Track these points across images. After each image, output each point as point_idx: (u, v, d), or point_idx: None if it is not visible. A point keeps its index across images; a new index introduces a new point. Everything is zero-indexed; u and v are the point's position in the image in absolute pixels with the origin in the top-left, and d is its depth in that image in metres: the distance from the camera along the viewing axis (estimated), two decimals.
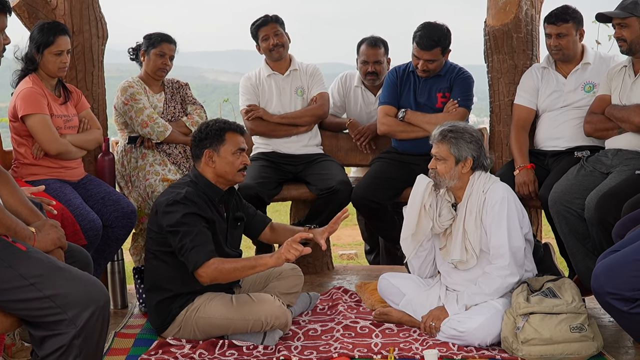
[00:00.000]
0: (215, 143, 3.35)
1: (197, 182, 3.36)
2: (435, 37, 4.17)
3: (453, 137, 3.38)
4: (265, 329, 3.29)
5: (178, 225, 3.20)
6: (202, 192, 3.32)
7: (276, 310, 3.29)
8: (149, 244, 3.43)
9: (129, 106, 4.15)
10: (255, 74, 4.64)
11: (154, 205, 3.42)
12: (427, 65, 4.22)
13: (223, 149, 3.35)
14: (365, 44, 4.69)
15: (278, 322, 3.30)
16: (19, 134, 3.70)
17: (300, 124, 4.54)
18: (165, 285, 3.34)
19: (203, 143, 3.36)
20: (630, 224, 3.01)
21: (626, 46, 3.65)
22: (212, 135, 3.35)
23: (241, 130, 3.44)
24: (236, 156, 3.36)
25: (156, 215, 3.32)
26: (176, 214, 3.21)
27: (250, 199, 4.15)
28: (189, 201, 3.24)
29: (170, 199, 3.26)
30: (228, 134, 3.36)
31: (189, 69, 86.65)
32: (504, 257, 3.30)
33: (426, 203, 3.43)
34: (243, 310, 3.28)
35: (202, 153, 3.36)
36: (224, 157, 3.35)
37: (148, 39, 4.24)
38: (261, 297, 3.34)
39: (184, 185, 3.34)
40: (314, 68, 4.68)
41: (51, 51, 3.65)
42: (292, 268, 3.67)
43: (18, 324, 2.38)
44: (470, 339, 3.23)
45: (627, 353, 3.22)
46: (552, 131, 4.05)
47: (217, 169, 3.36)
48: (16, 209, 2.57)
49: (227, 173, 3.36)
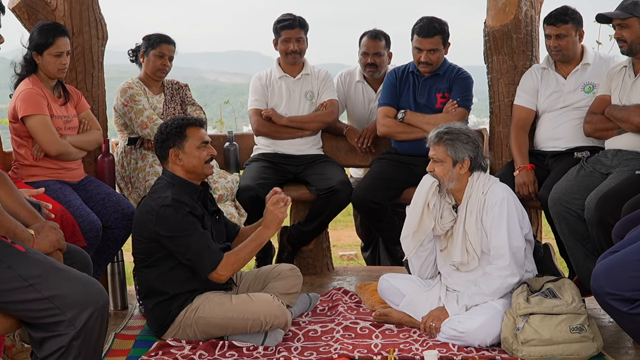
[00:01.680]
0: (178, 141, 3.36)
1: (173, 182, 3.36)
2: (436, 25, 4.18)
3: (449, 138, 3.39)
4: (265, 329, 3.29)
5: (177, 231, 3.21)
6: (183, 192, 3.33)
7: (275, 309, 3.29)
8: (137, 252, 3.41)
9: (129, 107, 4.15)
10: (267, 74, 4.62)
11: (137, 214, 3.40)
12: (429, 57, 4.21)
13: (187, 145, 3.36)
14: (366, 36, 4.69)
15: (277, 321, 3.30)
16: (19, 135, 3.70)
17: (308, 128, 4.53)
18: (161, 288, 3.33)
19: (166, 143, 3.38)
20: (630, 224, 3.01)
21: (626, 47, 3.65)
22: (173, 134, 3.37)
23: (201, 123, 3.45)
24: (201, 149, 3.38)
25: (143, 223, 3.30)
26: (171, 219, 3.21)
27: (250, 200, 4.15)
28: (179, 202, 3.24)
29: (159, 204, 3.25)
30: (189, 129, 3.38)
31: (189, 70, 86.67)
32: (504, 258, 3.30)
33: (430, 202, 3.43)
34: (242, 309, 3.29)
35: (168, 153, 3.37)
36: (190, 153, 3.36)
37: (147, 40, 4.25)
38: (260, 297, 3.35)
39: (165, 188, 3.33)
40: (326, 73, 4.65)
41: (50, 52, 3.65)
42: (291, 268, 3.68)
43: (18, 325, 2.38)
44: (470, 340, 3.23)
45: (627, 354, 3.22)
46: (552, 132, 4.06)
47: (185, 165, 3.37)
48: (15, 211, 2.57)
49: (196, 167, 3.38)
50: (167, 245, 3.25)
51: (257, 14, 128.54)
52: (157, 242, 3.27)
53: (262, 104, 4.55)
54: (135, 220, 3.41)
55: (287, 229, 4.48)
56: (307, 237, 4.48)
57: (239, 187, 4.22)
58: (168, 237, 3.22)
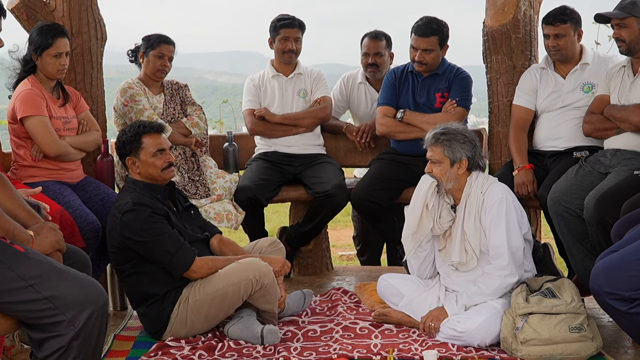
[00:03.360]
0: (133, 149, 3.38)
1: (135, 187, 3.39)
2: (434, 25, 4.19)
3: (446, 139, 3.39)
4: (256, 289, 3.30)
5: (145, 234, 3.23)
6: (144, 195, 3.34)
7: (263, 267, 3.32)
8: (117, 263, 3.42)
9: (129, 107, 4.16)
10: (260, 76, 4.64)
11: (107, 225, 3.39)
12: (423, 56, 4.22)
13: (142, 153, 3.37)
14: (367, 37, 4.70)
15: (267, 279, 3.31)
16: (18, 136, 3.70)
17: (301, 125, 4.54)
18: (150, 291, 3.35)
19: (123, 151, 3.40)
20: (629, 224, 3.01)
21: (625, 46, 3.65)
22: (129, 142, 3.38)
23: (159, 129, 3.44)
24: (157, 157, 3.38)
25: (111, 233, 3.33)
26: (135, 223, 3.23)
27: (247, 201, 4.15)
28: (139, 205, 3.26)
29: (121, 211, 3.26)
30: (144, 137, 3.38)
31: (188, 70, 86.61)
32: (503, 257, 3.30)
33: (429, 202, 3.43)
34: (230, 275, 3.30)
35: (125, 161, 3.40)
36: (145, 161, 3.38)
37: (146, 40, 4.25)
38: (245, 260, 3.38)
39: (126, 194, 3.36)
40: (318, 73, 4.68)
41: (49, 53, 3.65)
42: (270, 243, 3.76)
43: (17, 325, 2.38)
44: (470, 340, 3.23)
45: (627, 353, 3.22)
46: (551, 131, 4.06)
47: (142, 173, 3.40)
48: (14, 212, 2.57)
49: (152, 175, 3.40)
50: (138, 251, 3.28)
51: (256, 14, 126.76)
52: (129, 249, 3.29)
53: (256, 105, 4.56)
54: (106, 232, 3.42)
55: (285, 229, 4.49)
56: (305, 238, 4.48)
57: (238, 188, 4.23)
58: (139, 242, 3.25)
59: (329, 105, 4.61)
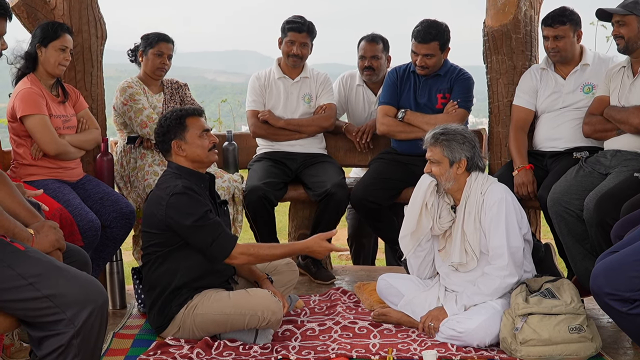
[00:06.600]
0: (179, 132, 3.37)
1: (180, 173, 3.37)
2: (433, 30, 4.18)
3: (445, 139, 3.39)
4: (261, 325, 3.28)
5: (193, 218, 3.21)
6: (191, 181, 3.33)
7: (273, 305, 3.29)
8: (148, 245, 3.39)
9: (128, 106, 4.15)
10: (265, 74, 4.61)
11: (146, 208, 3.40)
12: (424, 61, 4.22)
13: (188, 135, 3.37)
14: (364, 40, 4.69)
15: (275, 317, 3.29)
16: (18, 134, 3.70)
17: (304, 132, 4.53)
18: (167, 280, 3.32)
19: (168, 136, 3.38)
20: (629, 224, 3.01)
21: (623, 43, 3.66)
22: (174, 126, 3.38)
23: (199, 113, 3.47)
24: (203, 138, 3.39)
25: (154, 215, 3.30)
26: (184, 206, 3.22)
27: (258, 201, 4.12)
28: (190, 189, 3.25)
29: (169, 194, 3.25)
30: (188, 119, 3.39)
31: (188, 69, 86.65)
32: (503, 258, 3.30)
33: (428, 202, 3.43)
34: (240, 305, 3.28)
35: (170, 145, 3.38)
36: (192, 142, 3.37)
37: (145, 39, 4.25)
38: (257, 292, 3.35)
39: (173, 179, 3.33)
40: (325, 77, 4.65)
41: (55, 46, 3.66)
42: (287, 263, 3.70)
43: (17, 324, 2.38)
44: (469, 340, 3.23)
45: (626, 354, 3.22)
46: (551, 132, 4.06)
47: (188, 155, 3.38)
48: (14, 211, 2.56)
49: (200, 155, 3.39)
50: (184, 233, 3.25)
51: (255, 13, 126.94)
52: (173, 231, 3.27)
53: (260, 105, 4.54)
54: (145, 214, 3.41)
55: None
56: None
57: (247, 189, 4.19)
58: (184, 225, 3.22)
59: (333, 115, 4.58)
